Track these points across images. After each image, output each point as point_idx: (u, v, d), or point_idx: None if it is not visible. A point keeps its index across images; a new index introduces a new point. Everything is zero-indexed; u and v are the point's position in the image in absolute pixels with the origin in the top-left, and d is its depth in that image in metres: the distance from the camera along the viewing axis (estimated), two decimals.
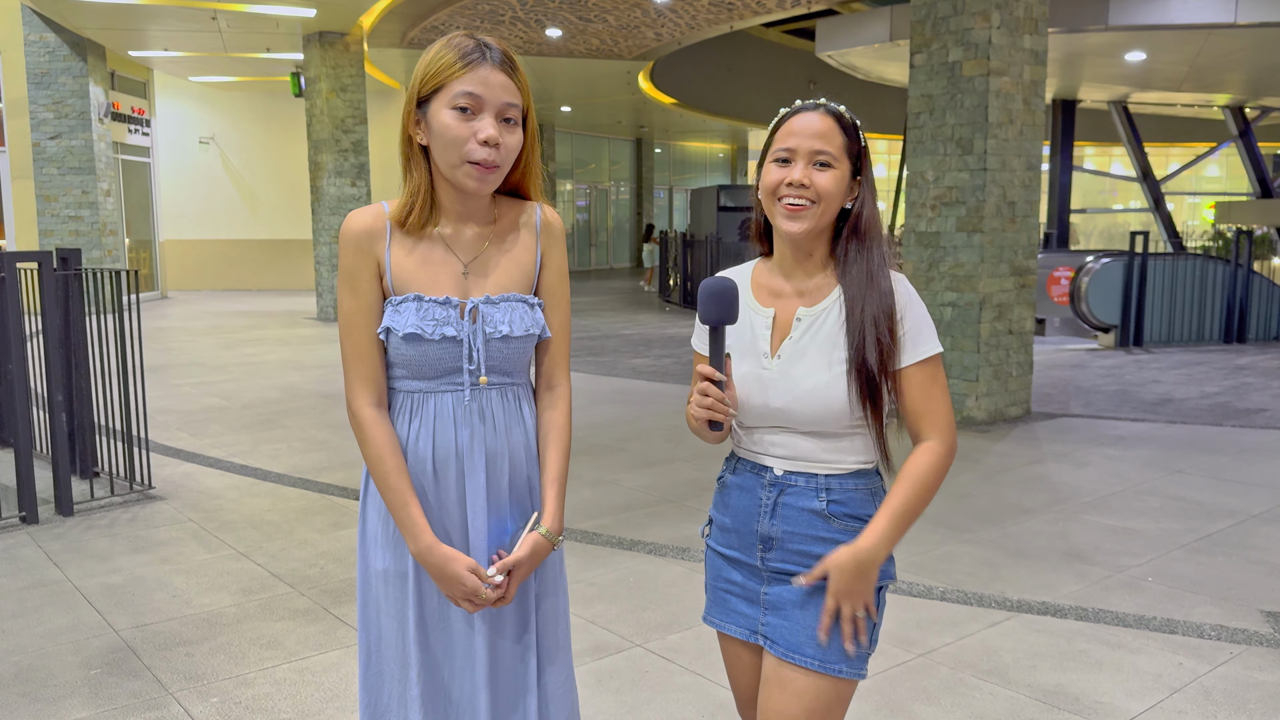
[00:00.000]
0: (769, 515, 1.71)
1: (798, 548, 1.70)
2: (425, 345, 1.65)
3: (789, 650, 1.68)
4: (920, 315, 1.68)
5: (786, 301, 1.72)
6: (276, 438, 6.59)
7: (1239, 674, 3.16)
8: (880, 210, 1.76)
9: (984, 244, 6.86)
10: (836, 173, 1.64)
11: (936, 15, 6.94)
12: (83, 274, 5.09)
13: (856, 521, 1.69)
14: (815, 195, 1.63)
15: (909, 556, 4.22)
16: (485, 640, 1.71)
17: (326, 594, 3.85)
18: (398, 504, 1.65)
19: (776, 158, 1.67)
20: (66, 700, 3.00)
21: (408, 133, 1.65)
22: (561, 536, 1.73)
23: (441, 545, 1.64)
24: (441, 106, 1.59)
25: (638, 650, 3.35)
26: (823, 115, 1.65)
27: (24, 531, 4.62)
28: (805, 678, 1.66)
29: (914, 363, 1.66)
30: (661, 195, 30.18)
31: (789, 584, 1.70)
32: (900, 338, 1.66)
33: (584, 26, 14.10)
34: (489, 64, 1.60)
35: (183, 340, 11.84)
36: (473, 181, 1.61)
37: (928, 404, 1.67)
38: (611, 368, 9.59)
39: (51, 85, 14.64)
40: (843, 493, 1.69)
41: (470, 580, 1.62)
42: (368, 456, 1.67)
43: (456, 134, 1.58)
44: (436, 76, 1.60)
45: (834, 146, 1.64)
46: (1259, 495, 5.17)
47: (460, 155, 1.59)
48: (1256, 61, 12.71)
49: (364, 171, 14.15)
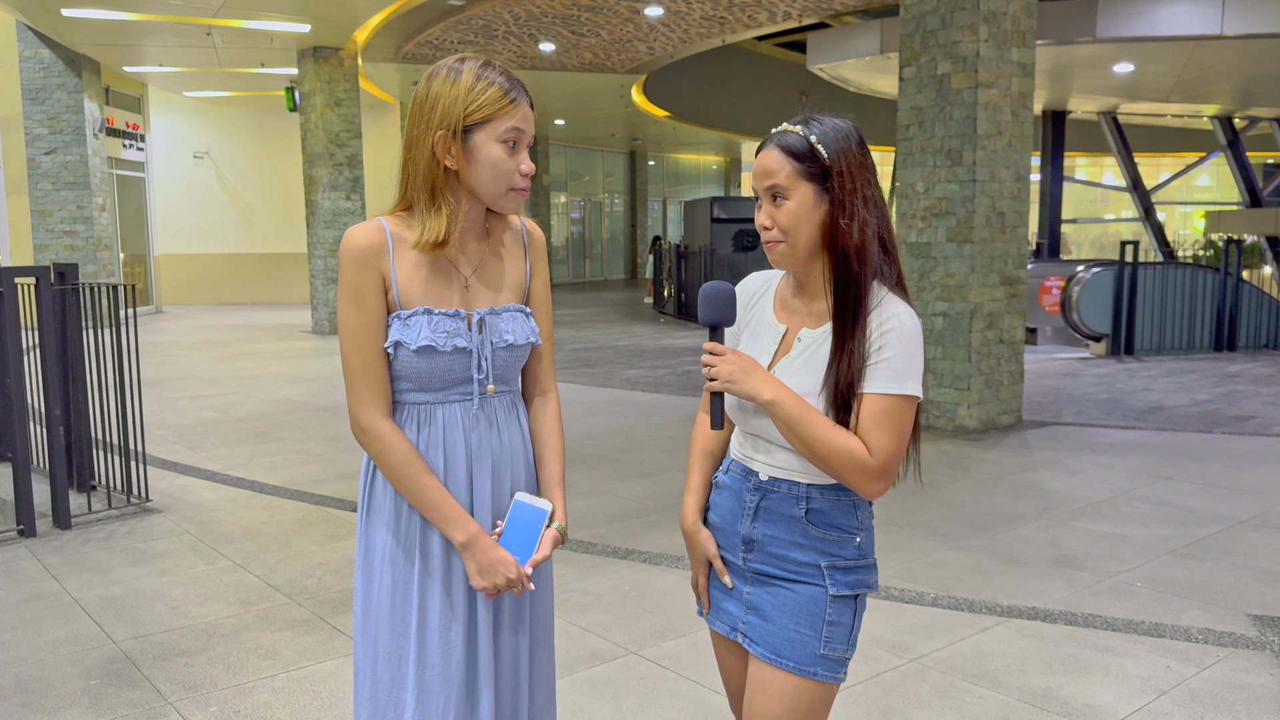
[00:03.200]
0: (751, 517, 1.76)
1: (777, 551, 1.73)
2: (438, 357, 1.70)
3: (768, 652, 1.71)
4: (906, 352, 1.62)
5: (798, 320, 1.75)
6: (272, 450, 6.61)
7: (1226, 676, 3.20)
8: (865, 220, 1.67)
9: (974, 254, 6.92)
10: (790, 204, 1.65)
11: (925, 29, 7.02)
12: (80, 289, 5.12)
13: (835, 530, 1.71)
14: (779, 234, 1.67)
15: (900, 563, 4.26)
16: (489, 645, 1.75)
17: (323, 604, 3.88)
18: (437, 500, 1.70)
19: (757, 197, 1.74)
20: (66, 711, 3.02)
21: (435, 157, 1.68)
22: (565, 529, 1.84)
23: (486, 534, 1.72)
24: (489, 139, 1.68)
25: (633, 658, 3.38)
26: (771, 149, 1.67)
27: (22, 545, 4.64)
28: (786, 680, 1.69)
29: (876, 393, 1.62)
30: (655, 207, 30.28)
31: (769, 586, 1.74)
32: (874, 365, 1.62)
33: (577, 41, 14.19)
34: (526, 102, 1.72)
35: (178, 354, 11.85)
36: (514, 205, 1.76)
37: (875, 434, 1.61)
38: (606, 379, 9.63)
39: (46, 101, 14.68)
40: (823, 502, 1.71)
41: (516, 569, 1.70)
42: (393, 465, 1.69)
43: (507, 167, 1.70)
44: (483, 109, 1.66)
45: (781, 178, 1.65)
46: (1247, 501, 5.22)
47: (506, 185, 1.71)
48: (1244, 72, 12.82)
49: (359, 185, 14.20)
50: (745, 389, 1.65)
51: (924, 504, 5.20)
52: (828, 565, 1.71)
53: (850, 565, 1.72)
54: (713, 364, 1.67)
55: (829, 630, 1.70)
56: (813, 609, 1.70)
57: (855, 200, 1.65)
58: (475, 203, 1.74)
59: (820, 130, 1.66)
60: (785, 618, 1.71)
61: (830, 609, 1.70)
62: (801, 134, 1.65)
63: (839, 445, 1.60)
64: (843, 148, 1.65)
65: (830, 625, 1.70)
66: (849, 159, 1.65)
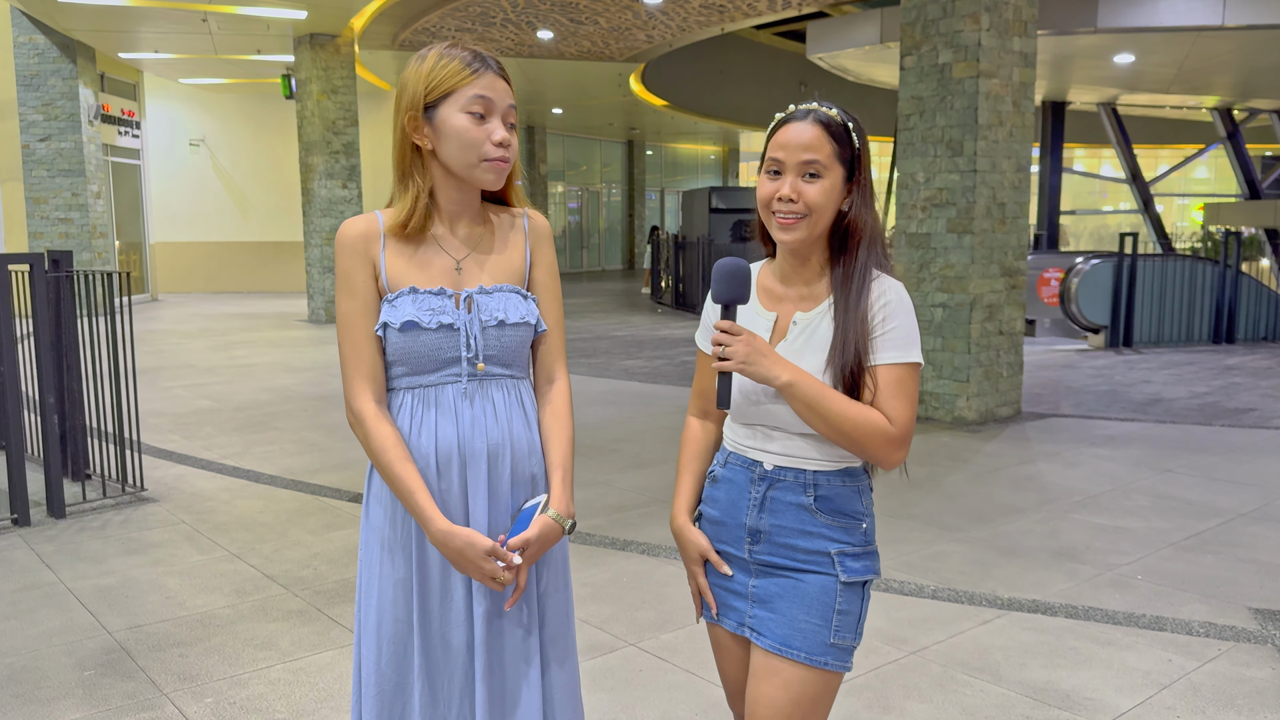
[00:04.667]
0: (758, 509, 1.74)
1: (785, 541, 1.72)
2: (423, 334, 1.68)
3: (777, 643, 1.70)
4: (906, 322, 1.68)
5: (787, 305, 1.75)
6: (268, 440, 6.58)
7: (1227, 670, 3.19)
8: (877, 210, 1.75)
9: (974, 245, 6.89)
10: (825, 182, 1.66)
11: (926, 18, 6.98)
12: (75, 276, 5.08)
13: (843, 517, 1.72)
14: (804, 208, 1.66)
15: (900, 555, 4.25)
16: (483, 634, 1.72)
17: (320, 595, 3.85)
18: (405, 492, 1.67)
19: (768, 169, 1.69)
20: (61, 701, 3.00)
21: (408, 138, 1.70)
22: (572, 520, 1.74)
23: (459, 528, 1.66)
24: (454, 111, 1.66)
25: (631, 649, 3.36)
26: (811, 124, 1.66)
27: (16, 534, 4.61)
28: (793, 669, 1.69)
29: (887, 363, 1.66)
30: (653, 197, 30.20)
31: (775, 577, 1.73)
32: (881, 337, 1.66)
33: (575, 29, 14.11)
34: (492, 71, 1.68)
35: (174, 343, 11.81)
36: (491, 175, 1.70)
37: (892, 402, 1.65)
38: (604, 369, 9.61)
39: (41, 87, 14.59)
40: (830, 489, 1.71)
41: (489, 563, 1.64)
42: (372, 451, 1.69)
43: (474, 136, 1.66)
44: (445, 83, 1.66)
45: (822, 155, 1.65)
46: (1247, 494, 5.21)
47: (478, 155, 1.67)
48: (1244, 63, 12.78)
49: (355, 173, 14.13)
50: (761, 371, 1.63)
51: (923, 496, 5.18)
52: (838, 552, 1.71)
53: (859, 551, 1.73)
54: (728, 343, 1.63)
55: (839, 619, 1.70)
56: (823, 598, 1.70)
57: (869, 190, 1.70)
58: (461, 184, 1.73)
59: (848, 117, 1.69)
60: (794, 608, 1.70)
61: (840, 597, 1.70)
62: (840, 117, 1.67)
63: (862, 418, 1.63)
64: (864, 138, 1.71)
65: (840, 614, 1.70)
66: (866, 150, 1.71)
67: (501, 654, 1.75)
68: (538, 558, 1.73)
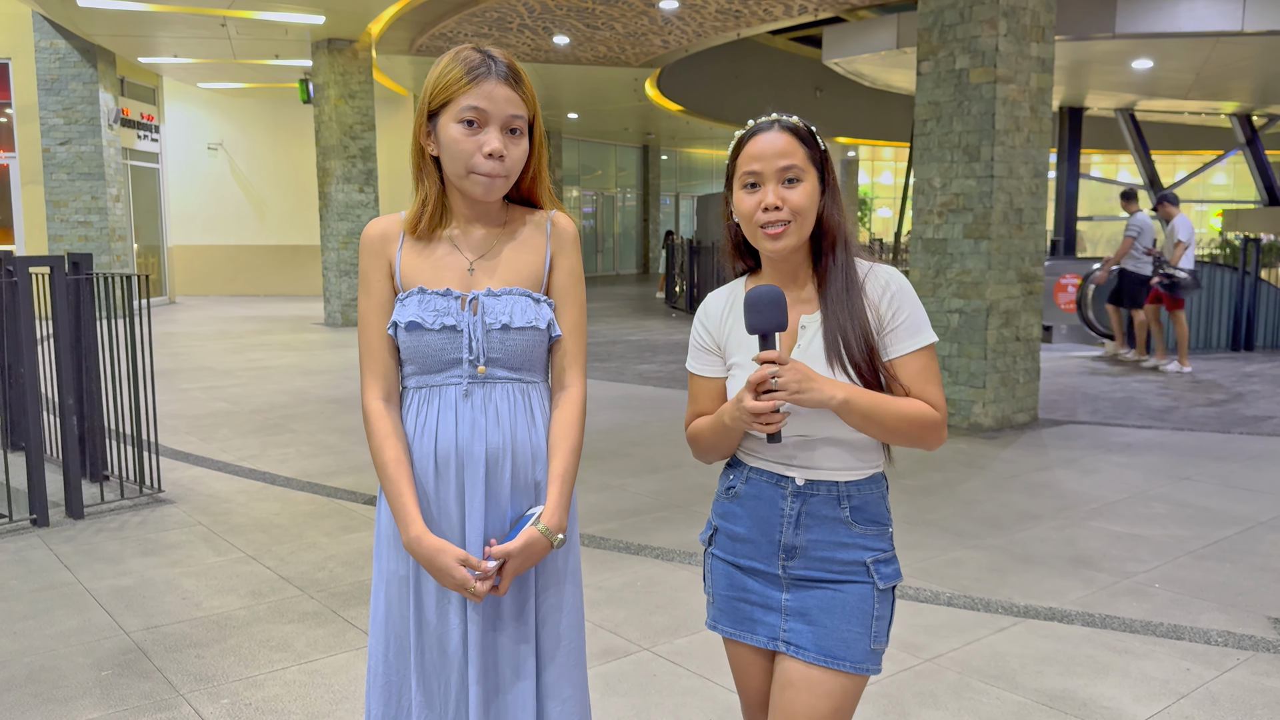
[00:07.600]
0: (793, 526, 1.73)
1: (822, 555, 1.73)
2: (426, 335, 1.69)
3: (820, 655, 1.70)
4: (915, 307, 1.71)
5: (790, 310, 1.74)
6: (285, 442, 6.61)
7: (1246, 680, 3.16)
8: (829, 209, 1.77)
9: (991, 251, 6.86)
10: (806, 185, 1.68)
11: (944, 23, 6.96)
12: (94, 279, 5.12)
13: (874, 524, 1.74)
14: (790, 214, 1.66)
15: (916, 561, 4.23)
16: (478, 636, 1.71)
17: (335, 597, 3.87)
18: (393, 493, 1.69)
19: (744, 183, 1.69)
20: (78, 701, 3.02)
21: (419, 143, 1.72)
22: (562, 535, 1.71)
23: (431, 535, 1.66)
24: (449, 120, 1.66)
25: (645, 654, 3.36)
26: (780, 131, 1.68)
27: (35, 534, 4.64)
28: (835, 679, 1.69)
29: (909, 352, 1.70)
30: (668, 201, 30.22)
31: (812, 589, 1.73)
32: (895, 330, 1.70)
33: (591, 34, 14.14)
34: (494, 78, 1.65)
35: (191, 345, 11.88)
36: (479, 189, 1.68)
37: (927, 389, 1.70)
38: (618, 373, 9.61)
39: (61, 91, 14.73)
40: (860, 498, 1.73)
41: (459, 572, 1.63)
42: (371, 448, 1.73)
43: (463, 148, 1.65)
44: (444, 91, 1.66)
45: (799, 159, 1.67)
46: (1266, 502, 5.17)
47: (466, 167, 1.66)
48: (1264, 69, 12.69)
49: (372, 177, 14.20)
50: (815, 397, 1.61)
51: (939, 502, 5.16)
52: (872, 560, 1.73)
53: (889, 556, 1.75)
54: (778, 374, 1.59)
55: (876, 625, 1.73)
56: (862, 606, 1.71)
57: (837, 190, 1.74)
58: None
59: (806, 123, 1.73)
60: (835, 619, 1.71)
61: (877, 604, 1.72)
62: (801, 123, 1.70)
63: (914, 413, 1.67)
64: (825, 142, 1.75)
65: (877, 620, 1.73)
66: (829, 153, 1.75)
67: (496, 662, 1.74)
68: (521, 570, 1.70)
